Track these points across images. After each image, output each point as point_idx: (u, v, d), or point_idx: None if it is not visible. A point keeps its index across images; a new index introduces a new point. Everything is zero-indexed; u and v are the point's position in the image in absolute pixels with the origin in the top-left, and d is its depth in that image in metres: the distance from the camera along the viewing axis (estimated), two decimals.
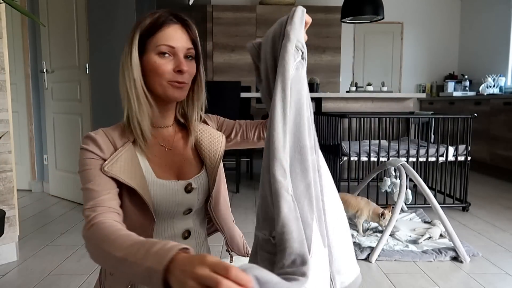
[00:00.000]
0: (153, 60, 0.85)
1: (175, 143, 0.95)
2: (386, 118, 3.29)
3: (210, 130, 0.99)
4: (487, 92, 4.88)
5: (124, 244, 0.64)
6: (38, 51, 3.38)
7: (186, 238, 0.94)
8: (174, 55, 0.86)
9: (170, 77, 0.85)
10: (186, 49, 0.87)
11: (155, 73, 0.85)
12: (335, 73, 5.72)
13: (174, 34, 0.85)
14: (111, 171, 0.81)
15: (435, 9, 6.10)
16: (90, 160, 0.82)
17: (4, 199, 1.97)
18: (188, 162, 0.95)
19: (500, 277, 1.87)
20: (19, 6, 1.43)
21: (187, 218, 0.94)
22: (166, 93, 0.87)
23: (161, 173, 0.90)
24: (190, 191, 0.91)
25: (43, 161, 3.51)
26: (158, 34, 0.85)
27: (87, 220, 0.76)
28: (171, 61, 0.85)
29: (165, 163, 0.92)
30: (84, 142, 0.85)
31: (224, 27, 5.60)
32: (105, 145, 0.84)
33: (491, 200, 3.29)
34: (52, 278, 1.83)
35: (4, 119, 1.95)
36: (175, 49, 0.85)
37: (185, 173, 0.93)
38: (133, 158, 0.86)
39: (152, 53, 0.85)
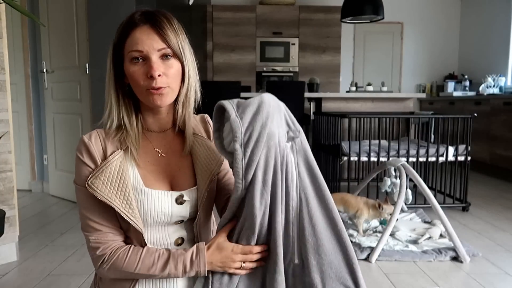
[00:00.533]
0: (127, 68, 0.83)
1: (172, 149, 0.91)
2: (386, 118, 3.29)
3: (207, 146, 0.93)
4: (487, 92, 4.88)
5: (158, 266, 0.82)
6: (38, 51, 3.38)
7: (179, 245, 0.91)
8: (146, 59, 0.82)
9: (145, 84, 0.82)
10: (156, 50, 0.81)
11: (132, 82, 0.84)
12: (335, 73, 5.73)
13: (141, 36, 0.81)
14: (93, 185, 0.80)
15: (435, 9, 6.10)
16: (84, 178, 0.83)
17: (4, 199, 1.97)
18: (183, 172, 0.91)
19: (500, 277, 1.87)
20: (19, 6, 1.43)
21: (179, 226, 0.91)
22: (147, 101, 0.84)
23: (153, 182, 0.87)
24: (182, 203, 0.88)
25: (43, 161, 3.51)
26: (127, 41, 0.83)
27: (96, 260, 0.84)
28: (143, 66, 0.82)
29: (158, 170, 0.88)
30: (79, 149, 0.85)
31: (224, 27, 5.60)
32: (97, 153, 0.84)
33: (491, 200, 3.29)
34: (52, 278, 1.83)
35: (4, 119, 1.95)
36: (143, 52, 0.81)
37: (180, 183, 0.90)
38: (121, 168, 0.83)
39: (127, 61, 0.83)
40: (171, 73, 0.83)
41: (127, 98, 0.88)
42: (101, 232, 0.84)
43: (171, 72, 0.83)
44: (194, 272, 0.82)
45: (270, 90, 3.64)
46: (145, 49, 0.81)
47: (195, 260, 0.81)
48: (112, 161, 0.83)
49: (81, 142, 0.85)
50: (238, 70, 5.67)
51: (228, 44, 5.63)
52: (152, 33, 0.82)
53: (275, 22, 5.64)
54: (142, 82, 0.82)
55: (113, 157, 0.84)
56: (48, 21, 3.17)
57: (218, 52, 5.63)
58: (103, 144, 0.85)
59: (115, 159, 0.83)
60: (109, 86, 0.87)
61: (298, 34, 5.65)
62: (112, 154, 0.84)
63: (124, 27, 0.83)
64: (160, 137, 0.91)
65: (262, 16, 5.62)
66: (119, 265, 0.82)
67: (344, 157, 2.97)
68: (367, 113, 3.37)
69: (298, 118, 3.61)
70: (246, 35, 5.64)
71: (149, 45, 0.81)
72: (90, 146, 0.84)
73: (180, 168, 0.91)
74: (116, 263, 0.82)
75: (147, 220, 0.86)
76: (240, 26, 5.62)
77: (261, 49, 5.66)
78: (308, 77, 5.23)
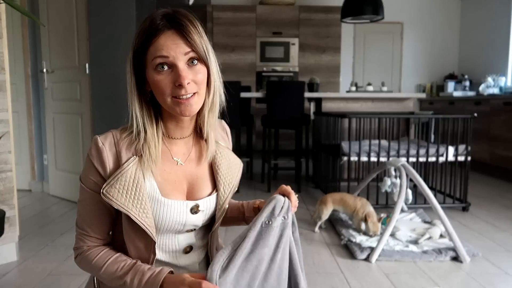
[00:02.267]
0: (152, 77, 0.78)
1: (191, 157, 0.89)
2: (386, 118, 3.29)
3: (230, 156, 0.94)
4: (487, 92, 4.88)
5: (117, 274, 0.81)
6: (38, 51, 3.38)
7: (187, 253, 0.91)
8: (172, 67, 0.77)
9: (172, 93, 0.77)
10: (183, 54, 0.76)
11: (157, 91, 0.79)
12: (335, 73, 5.73)
13: (165, 42, 0.76)
14: (108, 194, 0.78)
15: (435, 9, 6.10)
16: (89, 179, 0.82)
17: (4, 199, 1.97)
18: (200, 181, 0.89)
19: (500, 277, 1.87)
20: (19, 6, 1.43)
21: (189, 234, 0.91)
22: (173, 111, 0.80)
23: (169, 190, 0.84)
24: (197, 212, 0.87)
25: (43, 161, 3.51)
26: (151, 47, 0.77)
27: (75, 248, 0.87)
28: (170, 74, 0.77)
29: (175, 178, 0.86)
30: (90, 152, 0.82)
31: (224, 27, 5.60)
32: (110, 159, 0.81)
33: (491, 200, 3.29)
34: (52, 278, 1.83)
35: (4, 119, 1.95)
36: (169, 59, 0.76)
37: (196, 192, 0.88)
38: (137, 176, 0.80)
39: (151, 69, 0.78)
40: (199, 79, 0.79)
41: (149, 105, 0.84)
42: (87, 233, 0.86)
43: (199, 78, 0.79)
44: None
45: (270, 90, 3.64)
46: (171, 55, 0.76)
47: (150, 281, 0.77)
48: (127, 168, 0.80)
49: (95, 145, 0.81)
50: (238, 70, 5.67)
51: (228, 44, 5.63)
52: (177, 38, 0.77)
53: (275, 22, 5.64)
54: (169, 91, 0.77)
55: (128, 164, 0.80)
56: (48, 21, 3.17)
57: (218, 52, 5.62)
58: (117, 148, 0.82)
59: (130, 166, 0.80)
60: (132, 94, 0.81)
61: (298, 34, 5.65)
62: (127, 161, 0.80)
63: (146, 34, 0.77)
64: (180, 144, 0.88)
65: (262, 16, 5.62)
66: (89, 262, 0.85)
67: (344, 157, 2.97)
68: (367, 113, 3.37)
69: (298, 118, 3.61)
70: (246, 35, 5.64)
71: (175, 51, 0.76)
72: (103, 152, 0.80)
73: (198, 176, 0.89)
74: (86, 259, 0.85)
75: (160, 228, 0.85)
76: (240, 26, 5.62)
77: (261, 49, 5.66)
78: (308, 77, 5.23)
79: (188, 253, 0.91)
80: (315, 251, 2.17)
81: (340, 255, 2.12)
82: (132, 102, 0.82)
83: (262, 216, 0.80)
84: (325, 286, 1.76)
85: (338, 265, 2.00)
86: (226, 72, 4.92)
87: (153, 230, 0.82)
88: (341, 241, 2.29)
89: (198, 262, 0.94)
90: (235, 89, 3.56)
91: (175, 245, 0.89)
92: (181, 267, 0.90)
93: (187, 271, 0.91)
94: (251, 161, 4.18)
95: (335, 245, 2.27)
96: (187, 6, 4.07)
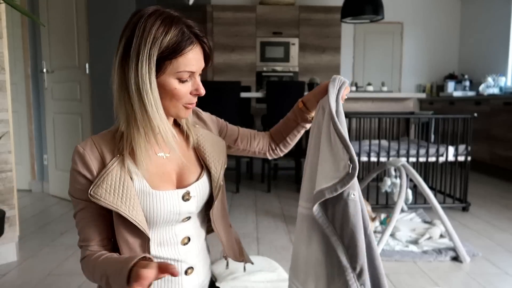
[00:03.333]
0: (173, 85, 0.81)
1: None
2: (386, 118, 3.29)
3: (211, 136, 0.97)
4: (487, 92, 4.88)
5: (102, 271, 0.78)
6: (38, 51, 3.38)
7: (185, 244, 0.92)
8: (191, 78, 0.84)
9: (187, 100, 0.84)
10: (201, 69, 0.85)
11: (172, 97, 0.82)
12: (335, 73, 5.72)
13: (194, 57, 0.81)
14: (96, 195, 0.79)
15: (435, 9, 6.10)
16: (78, 189, 0.82)
17: (4, 199, 1.97)
18: (187, 167, 0.92)
19: (500, 277, 1.87)
20: (19, 6, 1.43)
21: (185, 224, 0.92)
22: (179, 114, 0.86)
23: (158, 183, 0.86)
24: (188, 199, 0.89)
25: (43, 161, 3.51)
26: (180, 59, 0.79)
27: (81, 259, 0.87)
28: (188, 83, 0.83)
29: (162, 170, 0.88)
30: (73, 160, 0.82)
31: (224, 27, 5.60)
32: (94, 162, 0.82)
33: (491, 200, 3.29)
34: (52, 278, 1.83)
35: (4, 119, 1.95)
36: (195, 73, 0.84)
37: (184, 179, 0.90)
38: (123, 173, 0.81)
39: (171, 77, 0.81)
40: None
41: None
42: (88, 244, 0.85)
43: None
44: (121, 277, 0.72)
45: (270, 90, 3.64)
46: (197, 70, 0.83)
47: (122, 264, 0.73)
48: (112, 167, 0.81)
49: (76, 153, 0.82)
50: (238, 70, 5.67)
51: (228, 44, 5.63)
52: (201, 54, 0.83)
53: (275, 22, 5.64)
54: (185, 99, 0.84)
55: (113, 164, 0.81)
56: (48, 21, 3.17)
57: (218, 52, 5.63)
58: (99, 150, 0.83)
59: (114, 165, 0.81)
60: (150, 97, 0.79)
61: (298, 34, 5.65)
62: (111, 161, 0.82)
63: (178, 43, 0.78)
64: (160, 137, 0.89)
65: (262, 16, 5.62)
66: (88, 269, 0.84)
67: None
68: (367, 113, 3.37)
69: None
70: (246, 35, 5.64)
71: (199, 67, 0.84)
72: (85, 156, 0.81)
73: (184, 164, 0.91)
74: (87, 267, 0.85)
75: (156, 222, 0.86)
76: (240, 26, 5.62)
77: (261, 49, 5.66)
78: (308, 77, 5.23)
79: (187, 244, 0.92)
80: None
81: None
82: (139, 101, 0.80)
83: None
84: None
85: None
86: (226, 72, 4.94)
87: (145, 226, 0.82)
88: None
89: (196, 253, 0.95)
90: (235, 89, 3.56)
91: (173, 237, 0.90)
92: (181, 260, 0.91)
93: (186, 264, 0.92)
94: (251, 161, 4.18)
95: None
96: (187, 6, 4.07)
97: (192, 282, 0.92)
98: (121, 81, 0.82)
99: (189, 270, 0.92)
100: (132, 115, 0.81)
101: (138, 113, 0.80)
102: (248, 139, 1.08)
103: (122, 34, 0.82)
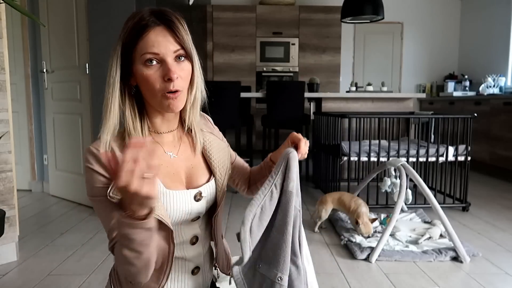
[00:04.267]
0: (140, 71, 0.80)
1: (182, 149, 0.92)
2: (386, 118, 3.29)
3: (218, 142, 0.98)
4: (487, 92, 4.88)
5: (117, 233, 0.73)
6: (38, 51, 3.38)
7: (193, 244, 0.93)
8: (161, 62, 0.80)
9: (162, 88, 0.80)
10: (172, 52, 0.80)
11: (145, 86, 0.81)
12: (335, 73, 5.73)
13: (156, 38, 0.78)
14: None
15: (435, 9, 6.10)
16: (99, 188, 0.79)
17: (4, 199, 1.97)
18: (196, 169, 0.92)
19: (500, 277, 1.87)
20: (19, 6, 1.43)
21: (194, 224, 0.93)
22: (162, 106, 0.82)
23: (170, 183, 0.86)
24: (200, 199, 0.90)
25: (43, 161, 3.52)
26: (141, 42, 0.79)
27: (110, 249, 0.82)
28: (159, 69, 0.79)
29: (173, 171, 0.88)
30: (88, 161, 0.80)
31: (224, 27, 5.60)
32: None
33: (491, 200, 3.29)
34: (52, 278, 1.83)
35: (4, 119, 1.95)
36: (160, 55, 0.79)
37: (194, 180, 0.91)
38: None
39: (139, 63, 0.80)
40: (184, 75, 0.82)
41: (133, 100, 0.85)
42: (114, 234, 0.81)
43: (185, 74, 0.82)
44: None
45: (270, 90, 3.64)
46: (162, 51, 0.79)
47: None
48: None
49: (89, 153, 0.80)
50: (238, 70, 5.67)
51: (228, 44, 5.63)
52: (167, 35, 0.80)
53: (275, 22, 5.64)
54: (158, 86, 0.80)
55: None
56: (48, 21, 3.17)
57: (218, 52, 5.63)
58: (112, 151, 0.81)
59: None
60: (113, 88, 0.82)
61: (298, 34, 5.65)
62: None
63: (136, 29, 0.79)
64: (169, 137, 0.90)
65: (262, 16, 5.62)
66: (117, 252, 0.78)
67: (344, 157, 2.97)
68: (367, 113, 3.37)
69: (298, 118, 3.61)
70: (246, 35, 5.64)
71: (165, 47, 0.79)
72: (100, 156, 0.79)
73: (193, 166, 0.92)
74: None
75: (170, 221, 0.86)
76: (240, 26, 5.62)
77: (261, 49, 5.66)
78: (308, 77, 5.23)
79: (195, 244, 0.93)
80: (315, 251, 2.17)
81: (340, 255, 2.12)
82: (112, 95, 0.81)
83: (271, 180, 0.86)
84: (325, 286, 1.76)
85: (338, 265, 2.00)
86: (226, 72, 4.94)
87: (168, 219, 0.83)
88: (341, 241, 2.29)
89: (203, 254, 0.96)
90: (235, 89, 3.56)
91: (182, 236, 0.91)
92: (188, 259, 0.92)
93: (193, 264, 0.93)
94: (251, 161, 4.17)
95: (335, 245, 2.27)
96: (187, 6, 4.07)
97: (197, 282, 0.94)
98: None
99: (196, 270, 0.93)
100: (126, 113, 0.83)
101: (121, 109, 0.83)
102: (238, 169, 1.09)
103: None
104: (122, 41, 0.81)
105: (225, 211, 2.92)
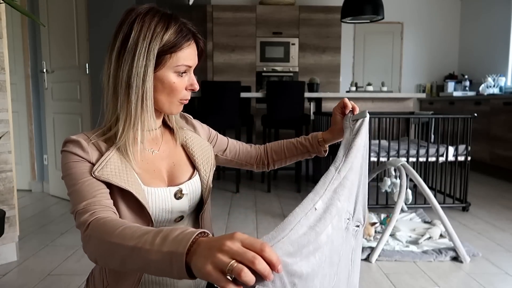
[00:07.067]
0: (171, 79, 0.83)
1: (163, 146, 0.92)
2: (386, 118, 3.29)
3: (200, 140, 0.99)
4: (487, 92, 4.88)
5: (136, 234, 0.60)
6: (38, 51, 3.38)
7: None
8: (187, 72, 0.86)
9: (182, 96, 0.86)
10: (195, 65, 0.87)
11: (169, 91, 0.84)
12: (335, 73, 5.73)
13: (192, 52, 0.85)
14: (103, 175, 0.76)
15: (435, 9, 6.10)
16: (75, 163, 0.78)
17: (4, 199, 1.97)
18: (178, 166, 0.92)
19: (500, 277, 1.87)
20: (19, 6, 1.43)
21: (179, 225, 0.91)
22: (172, 110, 0.87)
23: (149, 179, 0.85)
24: (181, 197, 0.88)
25: (43, 161, 3.51)
26: (179, 53, 0.82)
27: (83, 222, 0.70)
28: (185, 77, 0.86)
29: (153, 168, 0.87)
30: (65, 146, 0.80)
31: (224, 27, 5.60)
32: (89, 148, 0.80)
33: (491, 200, 3.29)
34: (52, 278, 1.83)
35: (4, 119, 1.95)
36: (191, 68, 0.86)
37: (176, 178, 0.90)
38: (122, 162, 0.81)
39: (170, 71, 0.83)
40: None
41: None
42: (93, 203, 0.74)
43: None
44: (169, 247, 0.54)
45: (270, 90, 3.64)
46: (192, 65, 0.86)
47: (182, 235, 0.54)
48: (110, 155, 0.80)
49: (70, 141, 0.80)
50: (238, 70, 5.67)
51: (228, 44, 5.63)
52: (195, 51, 0.87)
53: (275, 22, 5.64)
54: (181, 94, 0.86)
55: (110, 152, 0.80)
56: (48, 21, 3.17)
57: (218, 52, 5.63)
58: (94, 141, 0.82)
59: (112, 153, 0.80)
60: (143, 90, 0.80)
61: (298, 34, 5.65)
62: (108, 151, 0.81)
63: (179, 39, 0.82)
64: (151, 134, 0.90)
65: (262, 16, 5.62)
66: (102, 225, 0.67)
67: None
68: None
69: (298, 118, 3.61)
70: (246, 35, 5.64)
71: (195, 62, 0.87)
72: (82, 142, 0.80)
73: (175, 162, 0.92)
74: (99, 223, 0.68)
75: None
76: (240, 26, 5.62)
77: (261, 49, 5.66)
78: (308, 77, 5.23)
79: None
80: None
81: None
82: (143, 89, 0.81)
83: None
84: None
85: None
86: (226, 72, 4.93)
87: (151, 210, 0.82)
88: None
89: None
90: (235, 89, 3.56)
91: None
92: None
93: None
94: None
95: None
96: (187, 6, 4.07)
97: (186, 283, 0.90)
98: (116, 75, 0.82)
99: None
100: (123, 108, 0.81)
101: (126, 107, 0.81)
102: (237, 150, 1.12)
103: (119, 30, 0.84)
104: (158, 43, 0.80)
105: (225, 211, 2.92)
